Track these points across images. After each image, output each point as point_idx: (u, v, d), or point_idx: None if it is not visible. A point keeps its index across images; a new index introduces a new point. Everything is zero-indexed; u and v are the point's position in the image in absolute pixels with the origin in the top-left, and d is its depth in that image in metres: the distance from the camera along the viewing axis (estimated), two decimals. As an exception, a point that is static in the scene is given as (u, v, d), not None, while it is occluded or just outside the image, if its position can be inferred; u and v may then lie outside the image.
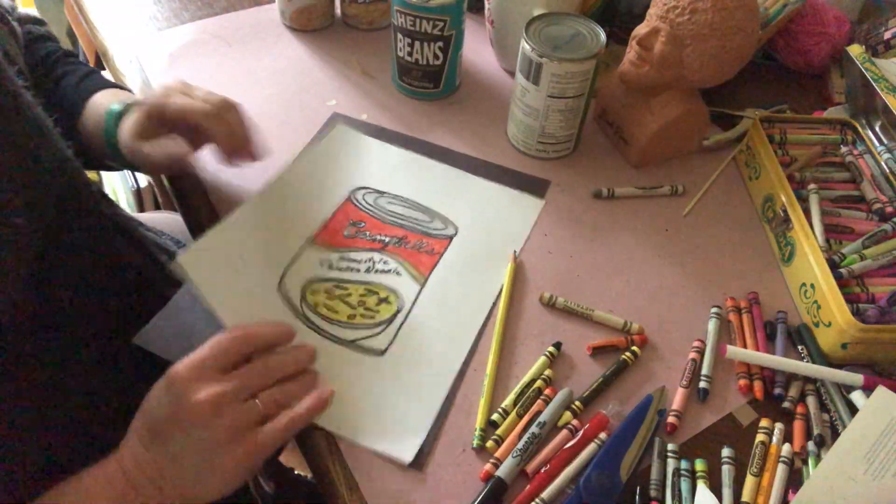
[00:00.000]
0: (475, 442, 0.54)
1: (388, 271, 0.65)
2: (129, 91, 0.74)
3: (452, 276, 0.65)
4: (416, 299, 0.63)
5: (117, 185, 1.47)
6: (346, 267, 0.64)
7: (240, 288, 0.58)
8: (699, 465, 0.54)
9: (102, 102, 0.65)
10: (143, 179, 1.40)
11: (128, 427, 0.50)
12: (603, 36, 0.71)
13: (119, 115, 0.62)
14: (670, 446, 0.55)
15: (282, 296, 0.61)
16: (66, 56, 0.71)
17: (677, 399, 0.58)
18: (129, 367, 0.60)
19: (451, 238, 0.68)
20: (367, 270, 0.64)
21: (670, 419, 0.57)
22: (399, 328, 0.61)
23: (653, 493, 0.53)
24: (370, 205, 0.70)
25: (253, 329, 0.50)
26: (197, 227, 0.69)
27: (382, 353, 0.59)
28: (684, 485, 0.53)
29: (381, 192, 0.71)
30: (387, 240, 0.67)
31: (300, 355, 0.52)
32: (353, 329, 0.60)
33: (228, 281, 0.57)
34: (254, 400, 0.48)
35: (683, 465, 0.54)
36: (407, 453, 0.53)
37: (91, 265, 0.58)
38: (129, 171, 1.40)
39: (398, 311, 0.62)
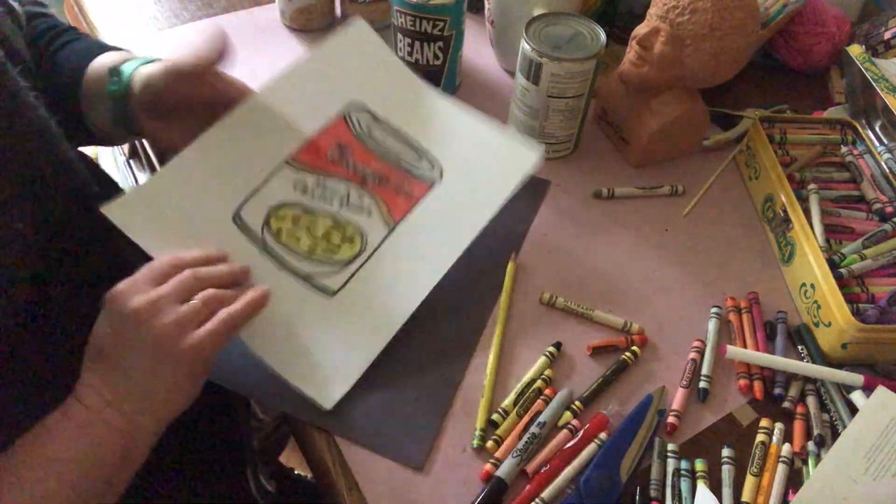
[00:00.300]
0: (475, 442, 0.54)
1: (361, 209, 0.62)
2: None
3: (423, 226, 0.63)
4: (379, 245, 0.61)
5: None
6: (319, 195, 0.61)
7: (185, 228, 0.56)
8: (699, 465, 0.54)
9: (108, 61, 0.62)
10: (143, 179, 1.40)
11: None
12: (603, 36, 0.71)
13: (131, 73, 0.60)
14: (670, 446, 0.55)
15: (238, 225, 0.58)
16: (69, 29, 0.69)
17: (677, 399, 0.58)
18: None
19: (432, 183, 0.65)
20: (341, 204, 0.62)
21: (670, 419, 0.57)
22: (356, 272, 0.60)
23: (653, 493, 0.53)
24: (362, 129, 0.65)
25: (189, 253, 0.51)
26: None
27: (334, 293, 0.58)
28: (684, 485, 0.53)
29: (377, 119, 0.66)
30: (369, 174, 0.63)
31: (235, 269, 0.52)
32: (310, 263, 0.59)
33: (171, 223, 0.55)
34: (191, 301, 0.48)
35: (683, 465, 0.54)
36: (328, 400, 0.54)
37: (94, 266, 0.58)
38: (129, 170, 1.40)
39: (359, 254, 0.60)
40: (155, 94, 0.57)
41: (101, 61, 0.62)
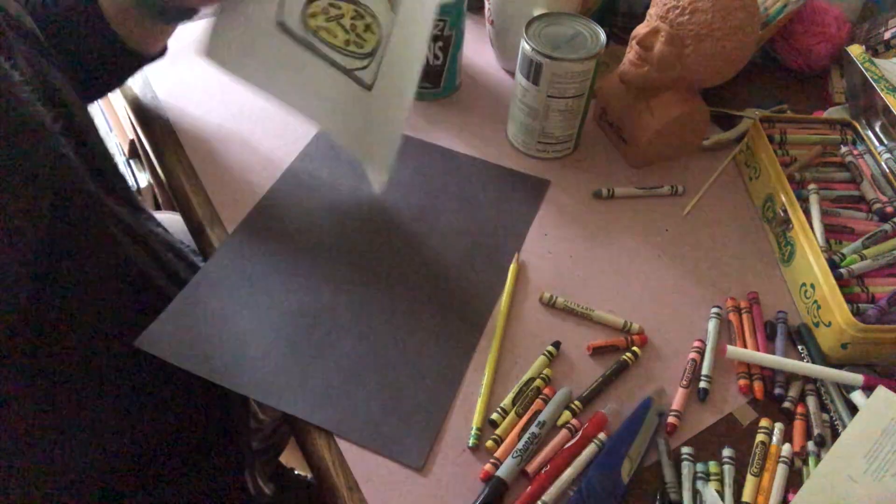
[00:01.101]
0: (471, 441, 0.54)
1: None
2: None
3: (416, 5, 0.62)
4: (390, 32, 0.61)
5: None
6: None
7: (244, 37, 0.59)
8: (713, 467, 0.54)
9: None
10: (144, 179, 1.40)
11: (130, 428, 0.49)
12: (603, 36, 0.71)
13: None
14: (685, 449, 0.55)
15: (285, 31, 0.60)
16: None
17: (677, 399, 0.58)
18: (132, 368, 0.60)
19: None
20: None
21: (670, 419, 0.57)
22: (381, 62, 0.62)
23: (672, 497, 0.53)
24: None
25: None
26: (197, 227, 0.69)
27: (370, 88, 0.61)
28: (703, 487, 0.53)
29: None
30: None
31: None
32: (350, 57, 0.61)
33: (238, 38, 0.58)
34: None
35: (699, 467, 0.54)
36: (376, 183, 0.60)
37: (93, 265, 0.57)
38: (129, 170, 1.40)
39: (378, 42, 0.61)
40: None
41: None
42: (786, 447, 0.55)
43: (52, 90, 0.57)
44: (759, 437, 0.56)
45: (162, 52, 0.74)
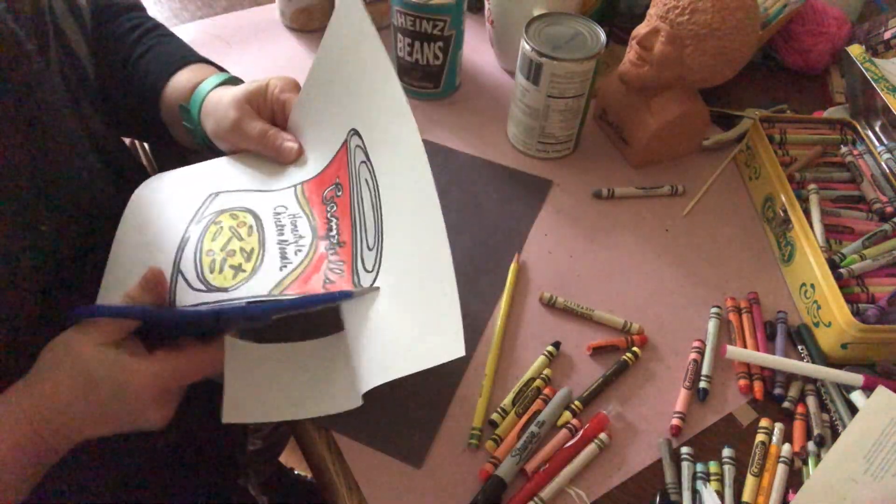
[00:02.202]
0: (471, 441, 0.54)
1: (285, 256, 0.56)
2: (219, 68, 0.69)
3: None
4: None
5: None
6: (290, 227, 0.58)
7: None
8: (713, 467, 0.54)
9: (181, 89, 0.63)
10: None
11: (126, 438, 0.49)
12: (603, 36, 0.71)
13: (198, 117, 0.62)
14: (685, 449, 0.55)
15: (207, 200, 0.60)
16: (153, 29, 0.68)
17: (680, 400, 0.58)
18: None
19: (350, 294, 0.53)
20: (283, 244, 0.56)
21: (674, 421, 0.56)
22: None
23: (673, 498, 0.53)
24: (355, 169, 0.56)
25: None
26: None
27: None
28: (703, 488, 0.53)
29: (368, 158, 0.55)
30: (333, 235, 0.56)
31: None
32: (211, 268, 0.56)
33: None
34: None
35: (699, 468, 0.54)
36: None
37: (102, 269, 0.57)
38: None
39: (241, 282, 0.55)
40: (216, 139, 0.62)
41: (175, 88, 0.63)
42: (786, 447, 0.55)
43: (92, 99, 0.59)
44: (759, 437, 0.56)
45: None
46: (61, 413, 0.44)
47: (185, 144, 0.67)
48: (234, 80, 0.64)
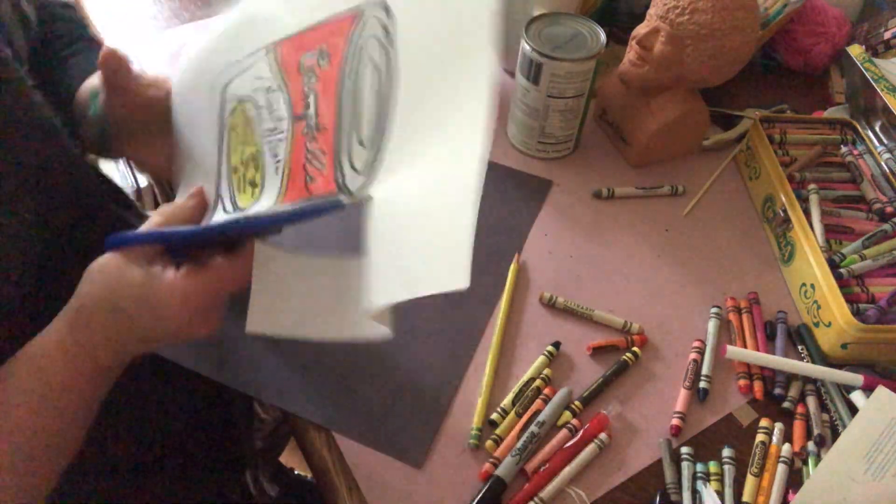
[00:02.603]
0: (471, 441, 0.54)
1: (274, 158, 0.48)
2: None
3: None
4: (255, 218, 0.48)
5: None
6: (266, 105, 0.49)
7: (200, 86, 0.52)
8: (713, 467, 0.54)
9: (93, 82, 0.60)
10: (143, 179, 1.40)
11: (132, 427, 0.49)
12: (603, 36, 0.71)
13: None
14: (685, 449, 0.55)
15: (220, 99, 0.52)
16: (80, 38, 0.66)
17: (680, 400, 0.58)
18: (134, 368, 0.59)
19: (336, 204, 0.43)
20: (269, 132, 0.49)
21: (674, 421, 0.56)
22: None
23: (673, 498, 0.53)
24: (357, 41, 0.44)
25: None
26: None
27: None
28: (703, 488, 0.53)
29: (388, 35, 0.42)
30: (311, 114, 0.46)
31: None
32: (227, 184, 0.52)
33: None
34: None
35: (699, 468, 0.54)
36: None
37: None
38: (130, 170, 1.40)
39: (247, 207, 0.50)
40: (113, 115, 0.56)
41: (91, 81, 0.60)
42: (786, 447, 0.55)
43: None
44: (759, 437, 0.56)
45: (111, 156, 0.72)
46: (100, 338, 0.46)
47: (90, 145, 0.63)
48: None
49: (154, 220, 0.49)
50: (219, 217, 0.51)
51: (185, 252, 0.48)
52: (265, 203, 0.47)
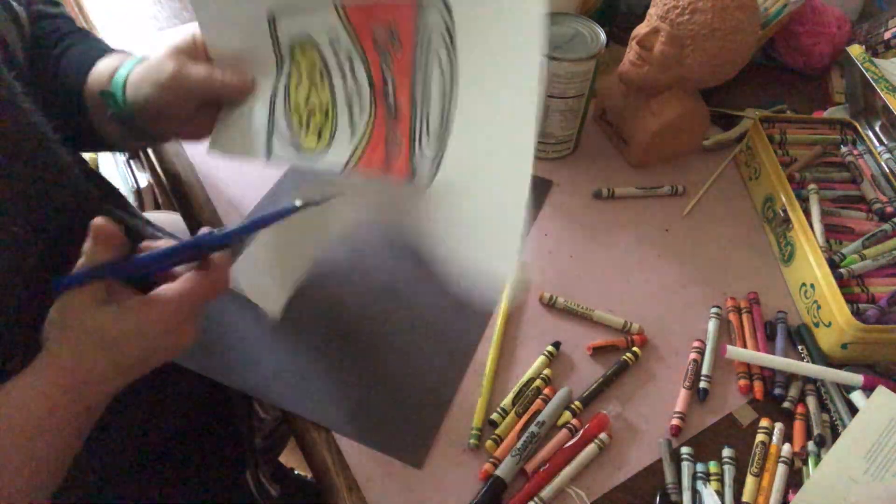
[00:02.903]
0: (471, 441, 0.54)
1: (351, 122, 0.49)
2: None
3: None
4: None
5: (117, 186, 1.47)
6: (339, 65, 0.49)
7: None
8: (713, 467, 0.54)
9: (100, 78, 0.59)
10: (144, 179, 1.40)
11: (133, 427, 0.49)
12: (603, 36, 0.71)
13: (122, 93, 0.57)
14: (685, 449, 0.55)
15: (270, 30, 0.52)
16: (71, 32, 0.65)
17: (680, 401, 0.58)
18: None
19: (412, 179, 0.47)
20: (348, 96, 0.50)
21: (674, 421, 0.56)
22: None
23: (673, 498, 0.53)
24: (425, 34, 0.46)
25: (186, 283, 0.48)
26: (197, 227, 0.69)
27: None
28: (703, 488, 0.53)
29: (450, 46, 0.45)
30: (390, 94, 0.48)
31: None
32: (286, 123, 0.52)
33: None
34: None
35: (699, 468, 0.54)
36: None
37: None
38: (129, 170, 1.40)
39: (316, 152, 0.51)
40: (156, 107, 0.55)
41: (96, 78, 0.59)
42: (786, 447, 0.55)
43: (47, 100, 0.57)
44: (759, 437, 0.56)
45: (132, 151, 0.71)
46: (88, 381, 0.45)
47: (116, 144, 0.64)
48: None
49: (88, 260, 0.47)
50: (262, 109, 0.51)
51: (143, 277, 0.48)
52: (332, 158, 0.49)
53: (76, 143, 0.66)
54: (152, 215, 1.04)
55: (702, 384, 0.59)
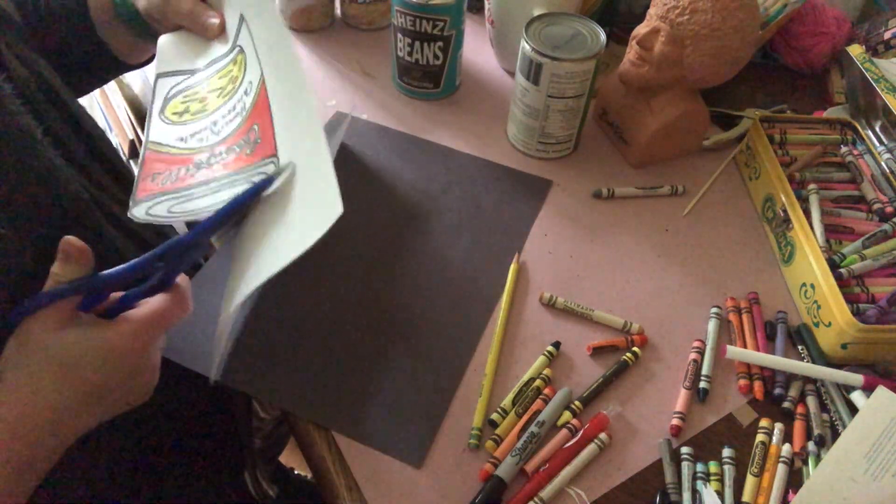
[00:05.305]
0: (471, 441, 0.54)
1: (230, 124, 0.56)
2: None
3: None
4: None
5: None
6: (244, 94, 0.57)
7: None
8: (713, 467, 0.54)
9: None
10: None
11: (131, 427, 0.49)
12: (603, 36, 0.71)
13: None
14: (685, 449, 0.55)
15: (238, 26, 0.61)
16: None
17: (680, 401, 0.58)
18: None
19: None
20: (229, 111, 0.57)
21: (674, 421, 0.56)
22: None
23: (673, 498, 0.53)
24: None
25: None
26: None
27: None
28: (703, 488, 0.53)
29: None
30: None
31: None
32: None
33: None
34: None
35: (700, 468, 0.54)
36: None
37: None
38: (127, 162, 1.40)
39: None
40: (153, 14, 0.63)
41: None
42: (786, 447, 0.55)
43: (51, 91, 0.57)
44: (759, 437, 0.56)
45: (147, 62, 0.75)
46: (49, 411, 0.43)
47: (121, 52, 0.69)
48: None
49: (53, 281, 0.46)
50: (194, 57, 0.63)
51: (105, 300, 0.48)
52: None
53: (91, 71, 0.72)
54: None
55: (702, 384, 0.59)
